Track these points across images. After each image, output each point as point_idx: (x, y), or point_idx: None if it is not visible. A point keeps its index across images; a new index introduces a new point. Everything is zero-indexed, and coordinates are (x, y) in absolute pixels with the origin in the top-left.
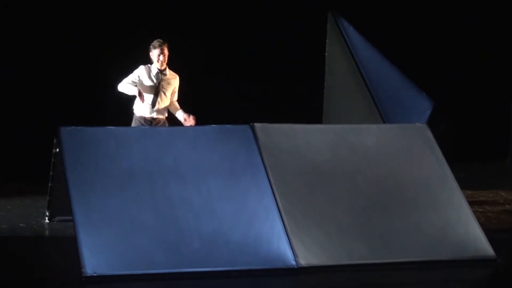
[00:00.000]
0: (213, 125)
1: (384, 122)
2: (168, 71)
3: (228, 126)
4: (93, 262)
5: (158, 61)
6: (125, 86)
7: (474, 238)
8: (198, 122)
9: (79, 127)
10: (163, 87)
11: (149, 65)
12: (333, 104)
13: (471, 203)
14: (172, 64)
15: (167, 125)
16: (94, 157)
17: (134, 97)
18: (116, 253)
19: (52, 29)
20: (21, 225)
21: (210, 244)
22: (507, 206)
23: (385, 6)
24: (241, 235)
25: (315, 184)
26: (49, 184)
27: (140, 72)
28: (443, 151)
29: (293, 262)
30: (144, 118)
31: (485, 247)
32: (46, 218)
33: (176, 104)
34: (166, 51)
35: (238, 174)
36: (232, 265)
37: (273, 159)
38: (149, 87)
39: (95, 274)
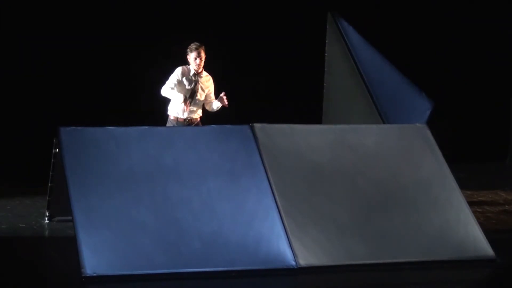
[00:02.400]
0: (213, 125)
1: (383, 123)
2: (203, 73)
3: (227, 126)
4: (93, 262)
5: (195, 64)
6: (169, 92)
7: (474, 238)
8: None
9: (78, 128)
10: (198, 89)
11: (187, 66)
12: (332, 105)
13: (471, 203)
14: (172, 64)
15: (200, 125)
16: (94, 157)
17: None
18: (116, 253)
19: (52, 29)
20: (21, 225)
21: (209, 244)
22: (506, 206)
23: (385, 7)
24: (240, 235)
25: (314, 184)
26: (49, 184)
27: (179, 74)
28: (443, 151)
29: (293, 262)
30: (178, 119)
31: (484, 247)
32: (46, 218)
33: (212, 98)
34: (202, 54)
35: (238, 175)
36: (231, 265)
37: (272, 159)
38: (186, 88)
39: (95, 274)
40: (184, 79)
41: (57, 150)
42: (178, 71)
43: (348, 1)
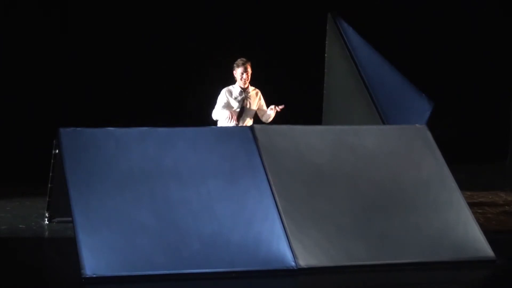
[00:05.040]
0: (213, 126)
1: (383, 123)
2: (250, 88)
3: (227, 127)
4: (92, 263)
5: (241, 79)
6: (219, 113)
7: (474, 239)
8: (198, 123)
9: (78, 128)
10: (247, 104)
11: (230, 86)
12: (332, 105)
13: (471, 204)
14: (167, 63)
15: None
16: (94, 158)
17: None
18: (115, 254)
19: (52, 30)
20: (20, 226)
21: (209, 245)
22: (506, 207)
23: (385, 7)
24: (240, 236)
25: (314, 185)
26: (49, 185)
27: (224, 96)
28: (443, 152)
29: (293, 263)
30: None
31: (484, 248)
32: (46, 219)
33: (265, 110)
34: (249, 69)
35: (238, 175)
36: (231, 266)
37: (272, 160)
38: (234, 107)
39: (94, 275)
40: (230, 99)
41: (57, 151)
42: (223, 93)
43: (348, 1)
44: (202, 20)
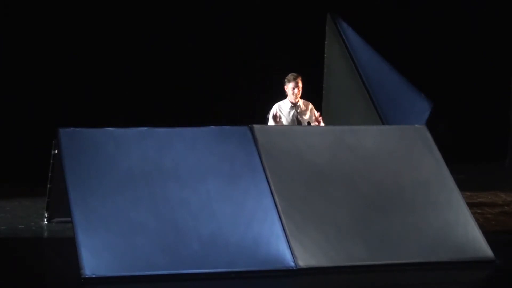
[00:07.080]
0: (212, 127)
1: (383, 124)
2: (300, 102)
3: (227, 127)
4: (92, 264)
5: (292, 94)
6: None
7: (473, 240)
8: (197, 124)
9: (78, 129)
10: (298, 119)
11: (280, 102)
12: (332, 106)
13: (470, 205)
14: (166, 63)
15: None
16: (93, 158)
17: None
18: (115, 254)
19: (52, 30)
20: (20, 226)
21: (209, 246)
22: (506, 207)
23: (384, 8)
24: (240, 236)
25: (314, 186)
26: (48, 186)
27: (275, 111)
28: (442, 152)
29: (292, 264)
30: None
31: (484, 249)
32: (45, 219)
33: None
34: (300, 84)
35: (237, 176)
36: (231, 266)
37: (272, 160)
38: (286, 122)
39: (94, 276)
40: (281, 115)
41: (56, 151)
42: (274, 109)
43: (347, 2)
44: (202, 20)
